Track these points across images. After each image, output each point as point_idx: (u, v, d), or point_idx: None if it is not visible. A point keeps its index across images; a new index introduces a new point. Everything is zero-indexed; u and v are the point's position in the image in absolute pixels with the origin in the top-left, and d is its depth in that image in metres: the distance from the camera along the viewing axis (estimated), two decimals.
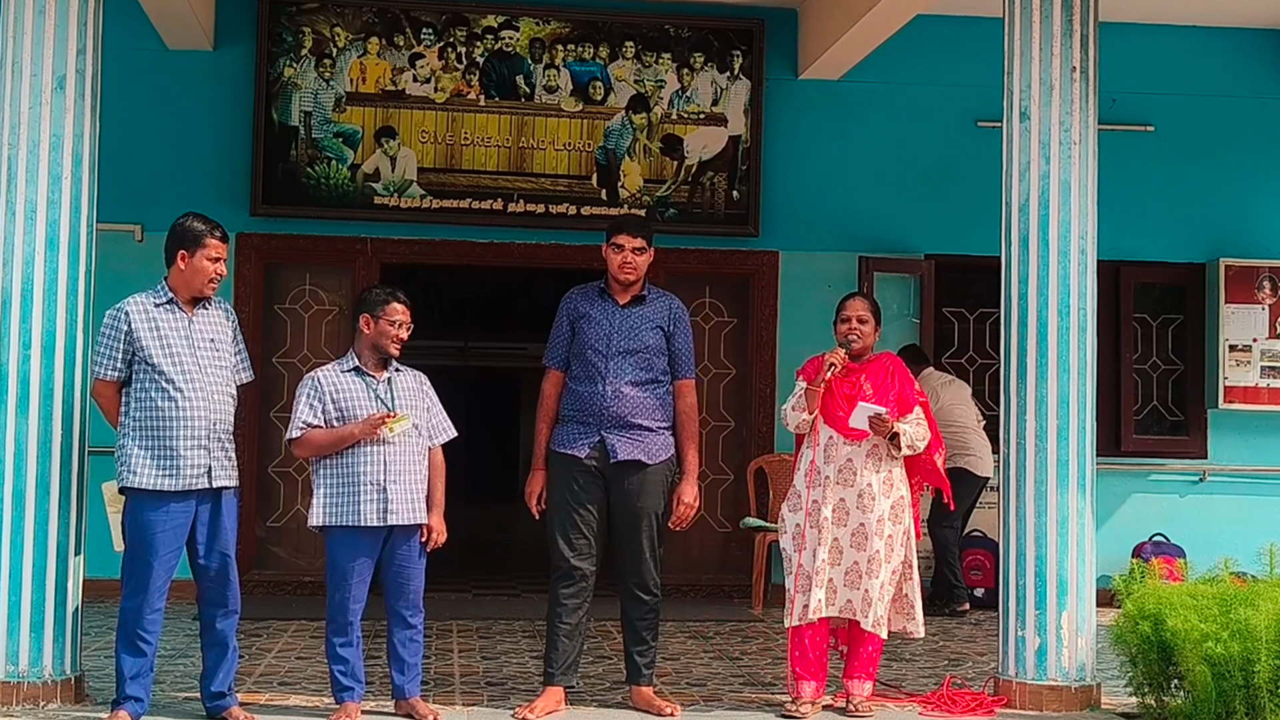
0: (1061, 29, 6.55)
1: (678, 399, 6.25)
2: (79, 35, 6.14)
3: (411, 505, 5.85)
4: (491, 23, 9.68)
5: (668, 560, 9.68)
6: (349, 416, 5.84)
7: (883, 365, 6.36)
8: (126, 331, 5.62)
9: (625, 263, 6.16)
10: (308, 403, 5.89)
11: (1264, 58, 10.25)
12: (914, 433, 6.23)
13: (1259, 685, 5.43)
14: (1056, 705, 6.32)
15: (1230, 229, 10.17)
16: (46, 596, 5.96)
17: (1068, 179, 6.52)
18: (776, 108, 9.88)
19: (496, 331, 17.20)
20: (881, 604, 6.13)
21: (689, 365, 6.29)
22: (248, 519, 9.35)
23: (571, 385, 6.20)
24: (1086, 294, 6.53)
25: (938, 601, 9.42)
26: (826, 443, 6.24)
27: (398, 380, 5.98)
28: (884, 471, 6.21)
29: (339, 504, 5.81)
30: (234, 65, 9.51)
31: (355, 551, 5.81)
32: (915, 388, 6.39)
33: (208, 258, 5.71)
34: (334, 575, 5.85)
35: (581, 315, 6.22)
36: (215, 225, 5.77)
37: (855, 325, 6.29)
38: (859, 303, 6.39)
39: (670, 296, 6.38)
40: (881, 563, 6.13)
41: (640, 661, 6.16)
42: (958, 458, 8.97)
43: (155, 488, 5.56)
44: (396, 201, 9.57)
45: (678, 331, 6.25)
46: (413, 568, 5.90)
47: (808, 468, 6.28)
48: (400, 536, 5.86)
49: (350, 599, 5.82)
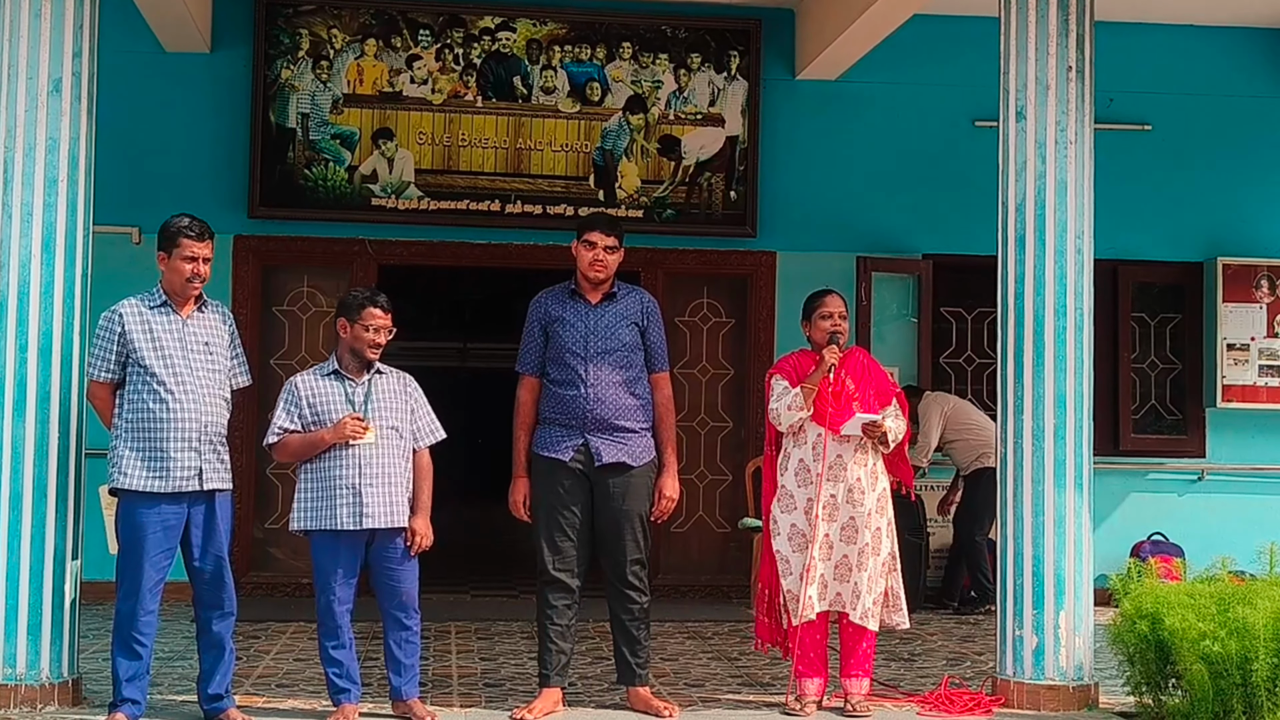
0: (1057, 28, 6.55)
1: (655, 391, 6.23)
2: (75, 38, 6.14)
3: (390, 509, 5.80)
4: (488, 24, 9.68)
5: (665, 561, 9.78)
6: (324, 421, 5.82)
7: (857, 360, 6.41)
8: (120, 334, 5.62)
9: (596, 260, 6.13)
10: (284, 408, 5.89)
11: (1261, 57, 10.25)
12: (896, 427, 6.30)
13: (1257, 684, 5.43)
14: (1054, 705, 6.31)
15: (1228, 228, 10.17)
16: (44, 599, 5.96)
17: (1064, 178, 6.52)
18: (774, 108, 9.88)
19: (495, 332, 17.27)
20: (870, 596, 6.16)
21: (663, 359, 6.28)
22: (246, 521, 9.37)
23: (551, 389, 6.15)
24: (1083, 293, 6.53)
25: (946, 600, 9.43)
26: (815, 440, 6.24)
27: (378, 383, 5.93)
28: (869, 465, 6.26)
29: (316, 508, 5.80)
30: (231, 67, 9.51)
31: (335, 555, 5.80)
32: (889, 376, 6.49)
33: (183, 258, 5.67)
34: (319, 579, 5.85)
35: (554, 319, 6.18)
36: (195, 225, 5.72)
37: (838, 321, 6.31)
38: (838, 299, 6.41)
39: (640, 291, 6.37)
40: (870, 555, 6.16)
41: (634, 662, 6.15)
42: (985, 458, 8.99)
43: (145, 489, 5.56)
44: (394, 203, 9.57)
45: (651, 326, 6.23)
46: (400, 570, 5.87)
47: (797, 466, 6.27)
48: (383, 540, 5.83)
49: (335, 601, 5.81)
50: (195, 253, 5.69)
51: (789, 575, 6.25)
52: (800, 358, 6.41)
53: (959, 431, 9.40)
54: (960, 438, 9.40)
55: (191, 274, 5.69)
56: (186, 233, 5.69)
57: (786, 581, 6.25)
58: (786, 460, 6.36)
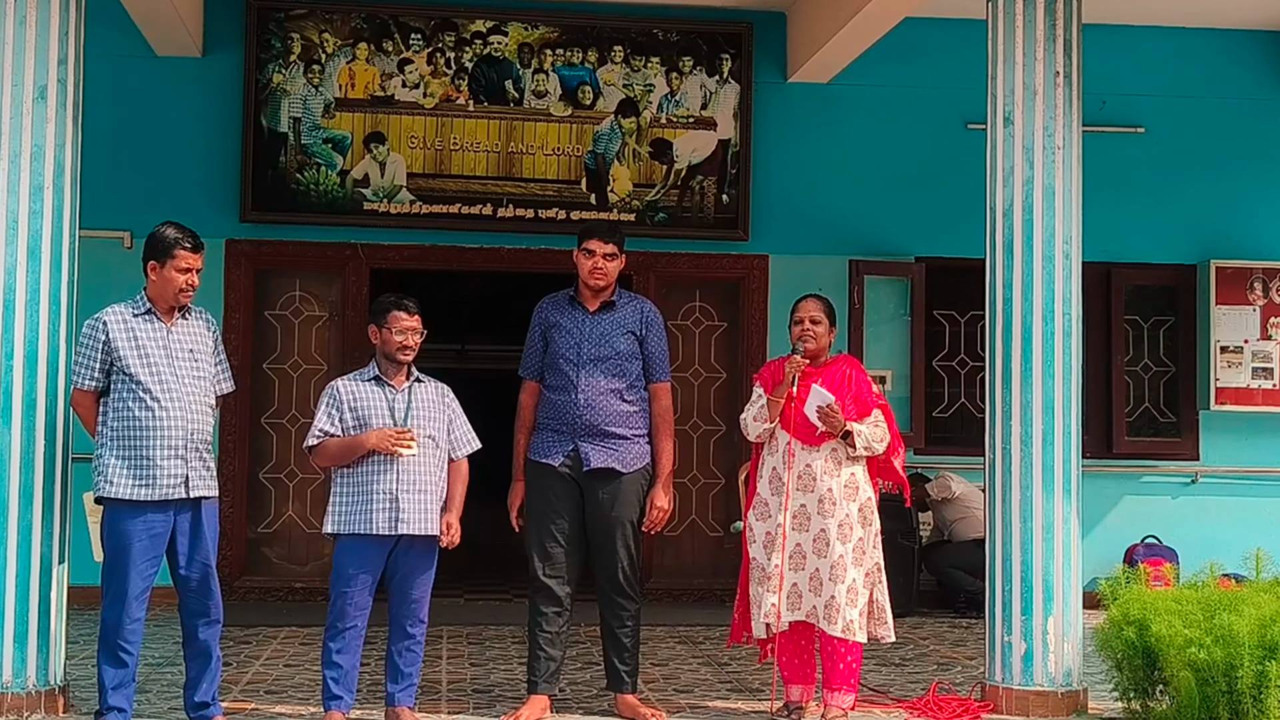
0: (1044, 34, 6.54)
1: (653, 401, 6.24)
2: (60, 45, 6.13)
3: (424, 516, 5.81)
4: (480, 28, 9.67)
5: (658, 565, 9.78)
6: (366, 426, 5.83)
7: (839, 369, 6.27)
8: (105, 341, 5.60)
9: (596, 268, 6.15)
10: (325, 411, 5.89)
11: (1254, 59, 10.24)
12: (870, 434, 6.14)
13: (1242, 691, 5.42)
14: (1043, 710, 6.31)
15: (1221, 230, 10.15)
16: (30, 606, 5.96)
17: (1051, 183, 6.51)
18: (766, 111, 9.88)
19: (494, 333, 17.26)
20: (852, 609, 6.04)
21: (664, 369, 6.28)
22: (238, 525, 9.37)
23: (546, 394, 6.21)
24: (1071, 298, 6.52)
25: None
26: (785, 449, 6.18)
27: (418, 391, 5.95)
28: (845, 475, 6.15)
29: (351, 512, 5.80)
30: (223, 72, 9.50)
31: (363, 559, 5.80)
32: (875, 390, 6.32)
33: (177, 269, 5.66)
34: (338, 582, 5.84)
35: (552, 324, 6.22)
36: (187, 235, 5.71)
37: (808, 326, 6.20)
38: (811, 303, 6.28)
39: (642, 300, 6.38)
40: (847, 567, 6.04)
41: (622, 669, 6.16)
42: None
43: (130, 498, 5.55)
44: (386, 207, 9.56)
45: (650, 335, 6.24)
46: (419, 578, 5.88)
47: (770, 474, 6.24)
48: (407, 545, 5.83)
49: (351, 605, 5.80)
50: (190, 264, 5.68)
51: (756, 583, 6.21)
52: (779, 364, 6.33)
53: (970, 509, 9.37)
54: (970, 514, 9.36)
55: (185, 284, 5.68)
56: (182, 244, 5.67)
57: (755, 589, 6.21)
58: (762, 467, 6.30)
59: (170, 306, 5.71)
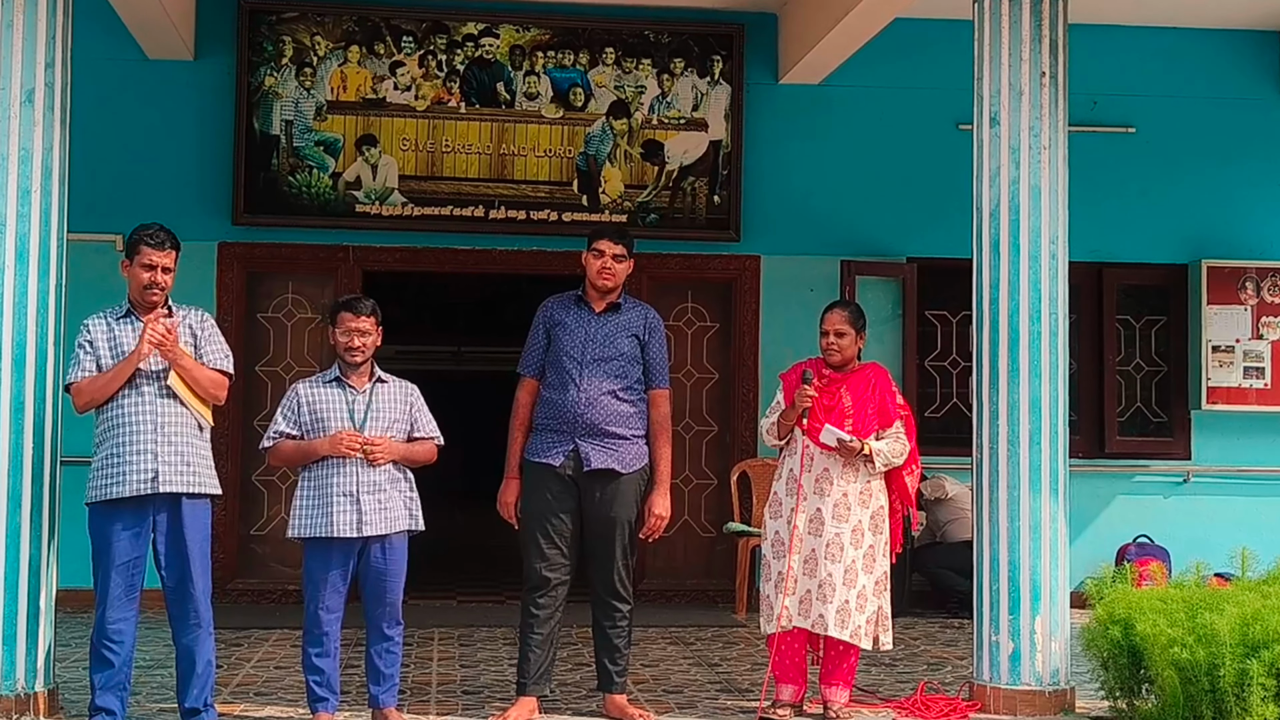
0: (1030, 34, 6.56)
1: (652, 408, 6.26)
2: (48, 48, 6.14)
3: (386, 516, 5.83)
4: (472, 30, 9.68)
5: (651, 565, 9.78)
6: (323, 428, 5.84)
7: (865, 377, 6.33)
8: (90, 342, 5.65)
9: (604, 268, 6.19)
10: (283, 413, 5.92)
11: (1245, 59, 10.24)
12: (889, 450, 6.20)
13: (1224, 690, 5.43)
14: (1030, 710, 6.33)
15: (1212, 230, 10.16)
16: (19, 609, 5.95)
17: (1037, 184, 6.53)
18: (757, 112, 9.89)
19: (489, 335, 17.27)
20: (861, 614, 6.11)
21: (663, 375, 6.30)
22: (231, 527, 9.38)
23: (546, 393, 6.23)
24: (1058, 298, 6.53)
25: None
26: (804, 452, 6.24)
27: (380, 391, 5.95)
28: (861, 482, 6.20)
29: (313, 515, 5.81)
30: (214, 75, 9.52)
31: (329, 563, 5.81)
32: (898, 400, 6.36)
33: (142, 264, 5.65)
34: (309, 586, 5.86)
35: (557, 323, 6.25)
36: (158, 233, 5.68)
37: (833, 340, 6.29)
38: (836, 315, 6.35)
39: (646, 306, 6.41)
40: (859, 572, 6.12)
41: (612, 670, 6.18)
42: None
43: (102, 497, 5.56)
44: (378, 209, 9.57)
45: (652, 341, 6.27)
46: (389, 579, 5.88)
47: (788, 476, 6.28)
48: (376, 546, 5.84)
49: (323, 609, 5.82)
50: (154, 261, 5.65)
51: (768, 581, 6.26)
52: (799, 371, 6.35)
53: (963, 511, 9.39)
54: (963, 516, 9.37)
55: (149, 282, 5.64)
56: (147, 240, 5.66)
57: (765, 587, 6.26)
58: (780, 467, 6.38)
59: (147, 307, 5.68)
